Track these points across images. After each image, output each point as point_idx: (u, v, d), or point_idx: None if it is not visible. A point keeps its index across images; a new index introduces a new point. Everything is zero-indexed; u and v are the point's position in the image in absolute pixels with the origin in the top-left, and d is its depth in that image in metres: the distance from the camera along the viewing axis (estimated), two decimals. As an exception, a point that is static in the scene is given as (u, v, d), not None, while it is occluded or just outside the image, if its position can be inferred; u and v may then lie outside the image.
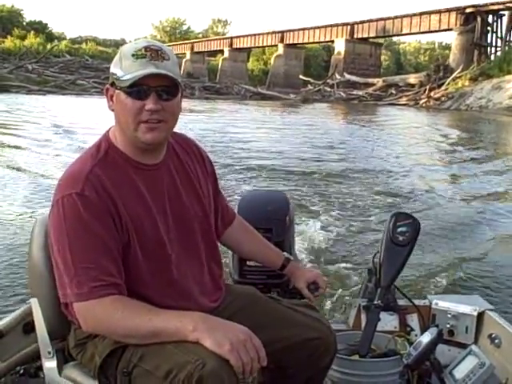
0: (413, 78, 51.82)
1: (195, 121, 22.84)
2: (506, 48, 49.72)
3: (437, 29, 55.97)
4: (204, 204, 2.03)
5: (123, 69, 1.77)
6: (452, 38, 54.38)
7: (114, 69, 1.81)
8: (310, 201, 8.86)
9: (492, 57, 51.25)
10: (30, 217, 6.88)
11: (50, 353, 1.98)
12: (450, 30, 53.66)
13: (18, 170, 11.06)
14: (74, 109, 30.17)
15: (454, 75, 46.43)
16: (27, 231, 2.16)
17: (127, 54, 1.77)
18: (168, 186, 1.93)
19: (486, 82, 43.22)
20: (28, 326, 2.30)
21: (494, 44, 52.75)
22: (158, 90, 1.76)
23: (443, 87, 46.17)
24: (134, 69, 1.74)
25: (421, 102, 45.37)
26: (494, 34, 52.65)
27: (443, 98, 44.79)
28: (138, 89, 1.76)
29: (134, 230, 1.80)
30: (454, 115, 36.22)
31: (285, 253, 2.41)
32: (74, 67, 53.54)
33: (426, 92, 45.99)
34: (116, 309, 1.69)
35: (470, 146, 18.54)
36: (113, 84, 1.82)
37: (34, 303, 2.01)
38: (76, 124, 19.96)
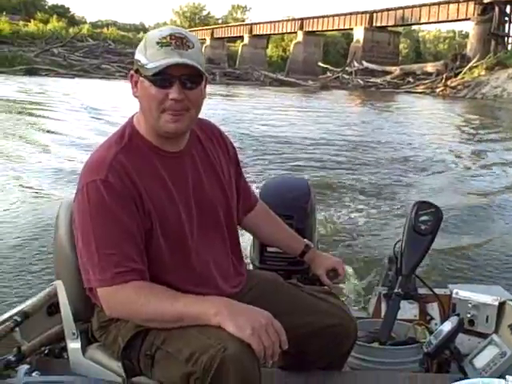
0: (430, 67, 51.34)
1: (218, 105, 23.01)
2: (523, 38, 49.22)
3: (455, 18, 55.46)
4: (226, 191, 2.00)
5: (148, 56, 1.72)
6: (470, 28, 53.82)
7: (139, 55, 1.76)
8: (332, 186, 8.80)
9: (509, 47, 50.63)
10: (57, 198, 6.89)
11: (74, 334, 1.98)
12: (468, 19, 53.08)
13: (47, 151, 11.13)
14: (104, 91, 30.37)
15: (470, 64, 46.04)
16: (54, 213, 2.13)
17: (152, 41, 1.73)
18: (191, 174, 1.89)
19: (502, 72, 42.81)
20: (52, 308, 2.29)
21: (511, 34, 52.08)
22: (182, 79, 1.72)
23: (460, 76, 45.78)
24: (159, 57, 1.70)
25: (437, 90, 44.96)
26: (512, 25, 52.07)
27: (459, 87, 44.39)
28: (162, 77, 1.71)
29: (157, 217, 1.78)
30: (469, 103, 36.03)
31: (305, 239, 2.36)
32: (98, 52, 53.73)
33: (443, 80, 45.55)
34: (139, 294, 1.68)
35: (486, 132, 18.37)
36: (137, 71, 1.78)
37: (59, 285, 2.00)
38: (106, 106, 20.07)
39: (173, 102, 1.73)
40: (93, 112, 18.68)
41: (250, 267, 2.71)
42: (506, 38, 51.80)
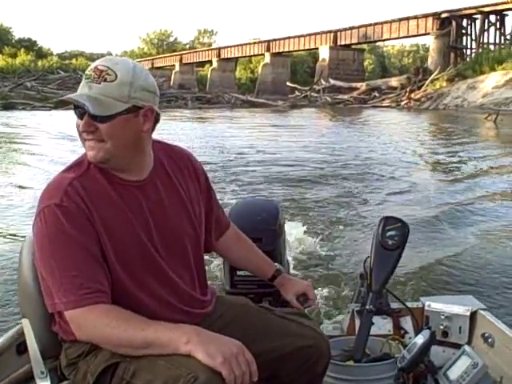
0: (394, 81, 52.15)
1: (192, 128, 23.14)
2: (480, 50, 50.18)
3: (415, 33, 56.47)
4: (193, 219, 1.95)
5: None
6: (430, 42, 54.80)
7: None
8: (300, 206, 8.73)
9: (468, 59, 51.61)
10: (23, 235, 6.72)
11: (43, 373, 1.89)
12: (428, 34, 54.13)
13: (19, 186, 10.83)
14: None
15: (432, 77, 46.93)
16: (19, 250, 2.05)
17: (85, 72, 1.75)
18: (153, 203, 1.84)
19: (462, 83, 43.75)
20: (21, 347, 2.21)
21: (469, 46, 53.16)
22: (90, 112, 1.70)
23: (422, 89, 46.68)
24: (78, 90, 1.73)
25: (402, 103, 45.80)
26: (469, 37, 53.09)
27: (423, 99, 45.26)
28: (77, 110, 1.73)
29: (111, 244, 1.74)
30: (432, 114, 36.72)
31: (277, 264, 2.32)
32: (70, 83, 53.45)
33: (407, 94, 46.44)
34: (109, 317, 1.63)
35: (450, 141, 18.68)
36: None
37: (26, 324, 1.92)
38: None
39: (85, 133, 1.73)
40: (72, 142, 18.50)
41: (221, 292, 2.65)
42: (464, 51, 52.85)
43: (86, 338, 1.69)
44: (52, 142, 19.57)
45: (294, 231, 6.43)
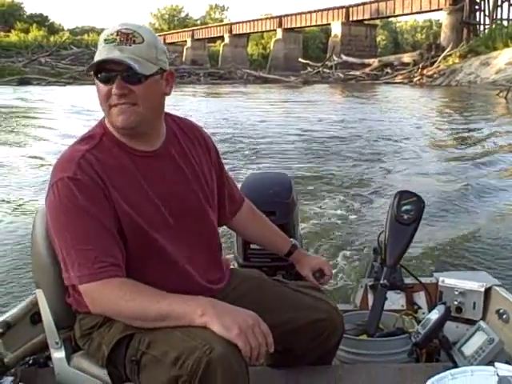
0: (407, 57, 51.62)
1: (207, 103, 23.74)
2: (493, 26, 49.46)
3: (428, 9, 55.93)
4: (205, 190, 1.91)
5: (96, 54, 1.69)
6: (443, 18, 54.14)
7: None
8: (314, 179, 8.67)
9: (481, 34, 50.94)
10: (36, 207, 6.72)
11: (57, 343, 1.89)
12: (441, 9, 53.50)
13: (35, 157, 10.88)
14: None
15: (444, 53, 46.36)
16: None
17: (101, 39, 1.69)
18: (168, 173, 1.82)
19: (475, 59, 43.13)
20: (35, 317, 2.21)
21: (482, 22, 52.42)
22: (124, 74, 1.66)
23: (435, 65, 46.12)
24: (100, 55, 1.66)
25: (414, 79, 45.32)
26: (482, 13, 52.33)
27: (435, 75, 44.71)
28: (104, 74, 1.68)
29: (128, 215, 1.71)
30: (445, 91, 36.36)
31: (292, 239, 2.28)
32: (84, 58, 53.45)
33: (419, 70, 45.92)
34: (124, 291, 1.61)
35: (463, 118, 18.50)
36: None
37: (39, 294, 1.91)
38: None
39: (116, 97, 1.68)
40: (88, 116, 18.51)
41: (234, 265, 2.63)
42: (477, 26, 52.13)
43: (101, 311, 1.68)
44: (67, 115, 19.57)
45: (306, 204, 6.39)
